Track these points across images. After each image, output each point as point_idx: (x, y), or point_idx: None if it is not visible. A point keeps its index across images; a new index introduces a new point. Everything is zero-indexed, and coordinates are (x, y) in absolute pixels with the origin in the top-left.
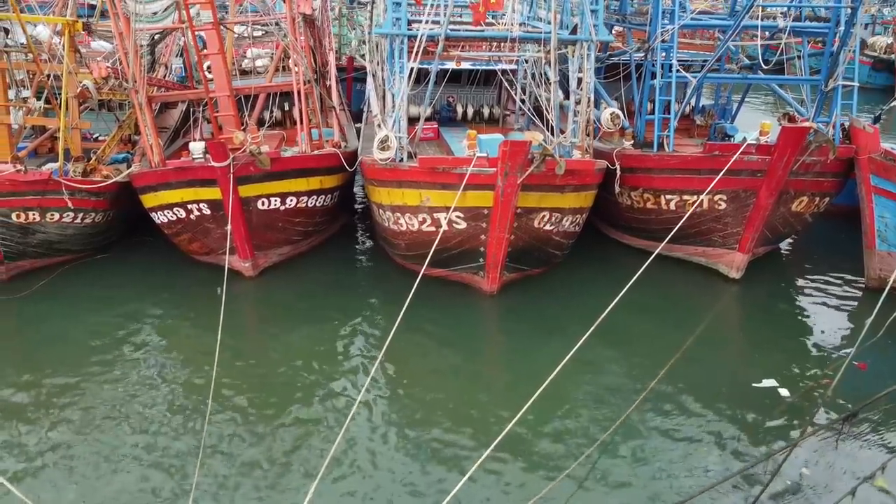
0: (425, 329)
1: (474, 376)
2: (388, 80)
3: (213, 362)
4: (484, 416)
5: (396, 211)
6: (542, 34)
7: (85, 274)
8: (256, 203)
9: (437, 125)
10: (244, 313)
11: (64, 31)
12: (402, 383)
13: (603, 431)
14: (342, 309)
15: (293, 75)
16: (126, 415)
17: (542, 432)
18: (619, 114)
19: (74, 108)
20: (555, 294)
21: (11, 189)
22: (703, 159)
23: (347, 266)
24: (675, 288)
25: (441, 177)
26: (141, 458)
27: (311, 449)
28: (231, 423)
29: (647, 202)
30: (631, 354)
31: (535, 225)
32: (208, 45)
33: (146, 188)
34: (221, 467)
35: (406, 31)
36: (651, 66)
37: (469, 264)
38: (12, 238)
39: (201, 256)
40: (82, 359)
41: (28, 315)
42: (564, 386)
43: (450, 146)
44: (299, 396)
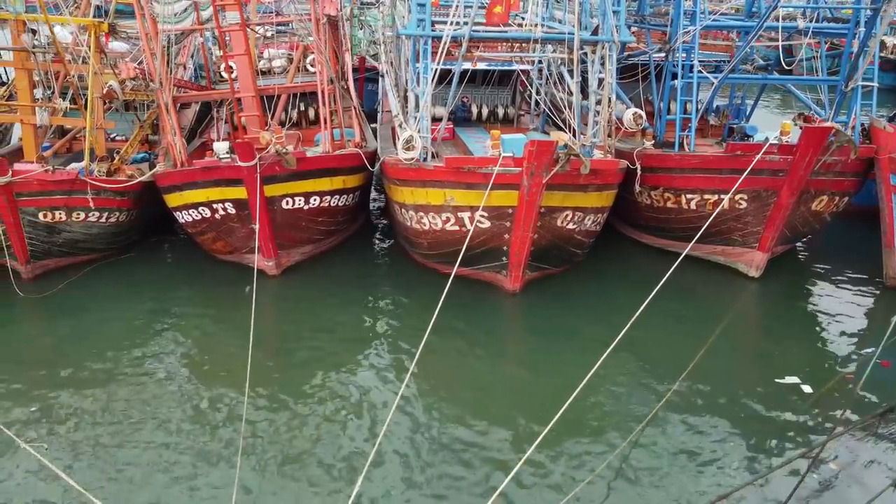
0: (451, 328)
1: (501, 375)
2: (411, 80)
3: (242, 360)
4: (514, 413)
5: (419, 210)
6: (565, 35)
7: (110, 273)
8: (281, 202)
9: (451, 125)
10: (271, 312)
11: (90, 32)
12: (433, 382)
13: (630, 430)
14: (366, 308)
15: (317, 75)
16: (162, 412)
17: (570, 431)
18: (642, 114)
19: (99, 109)
20: (576, 293)
21: (39, 188)
22: (725, 159)
23: (367, 265)
24: (694, 286)
25: (466, 176)
26: (181, 455)
27: (353, 445)
28: (268, 421)
29: (668, 201)
30: (654, 353)
31: (558, 224)
32: (234, 45)
33: (171, 188)
34: (263, 464)
35: (431, 33)
36: (672, 67)
37: (492, 263)
38: (38, 237)
39: (224, 255)
40: (115, 355)
41: (56, 313)
42: (591, 385)
43: (467, 146)
44: (336, 395)
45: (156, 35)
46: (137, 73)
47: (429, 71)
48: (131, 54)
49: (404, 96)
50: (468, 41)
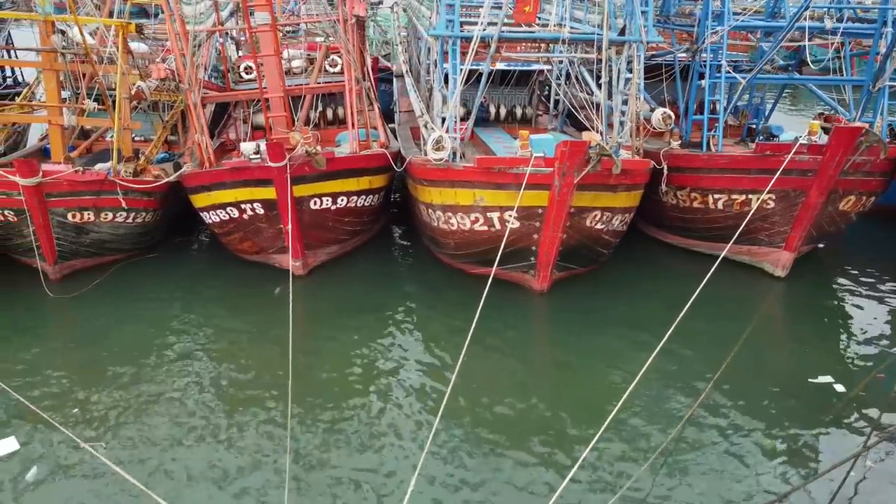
0: (483, 328)
1: (540, 376)
2: (438, 80)
3: (278, 360)
4: (558, 414)
5: (447, 210)
6: (593, 35)
7: (137, 273)
8: (309, 203)
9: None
10: (300, 312)
11: (118, 33)
12: (475, 384)
13: (666, 433)
14: (396, 308)
15: (345, 75)
16: (208, 413)
17: (608, 434)
18: (671, 114)
19: (126, 109)
20: (603, 293)
21: (69, 189)
22: (754, 159)
23: (391, 265)
24: (719, 286)
25: (496, 176)
26: (232, 455)
27: (402, 447)
28: (313, 425)
29: (694, 201)
30: (684, 354)
31: (587, 224)
32: (263, 46)
33: (199, 188)
34: (311, 469)
35: (460, 33)
36: (699, 67)
37: (520, 263)
38: (66, 238)
39: (251, 256)
40: (154, 355)
41: (89, 313)
42: (622, 388)
43: (488, 146)
44: (379, 397)
45: (185, 36)
46: (168, 73)
47: (458, 71)
48: (150, 54)
49: (428, 96)
50: (497, 41)
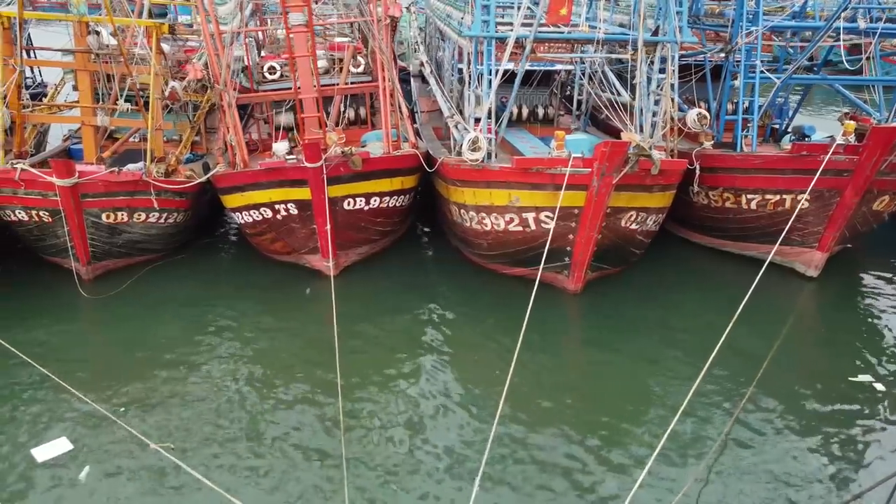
0: (517, 329)
1: (580, 380)
2: (472, 81)
3: (318, 359)
4: (609, 418)
5: (481, 211)
6: (628, 35)
7: (168, 273)
8: (343, 203)
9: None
10: (336, 313)
11: (150, 34)
12: (525, 388)
13: (711, 439)
14: (428, 309)
15: (379, 76)
16: (268, 414)
17: (645, 441)
18: (707, 114)
19: (158, 110)
20: (635, 294)
21: (104, 190)
22: (790, 159)
23: (421, 266)
24: (747, 287)
25: (533, 177)
26: (291, 454)
27: (464, 447)
28: (366, 429)
29: (727, 201)
30: (722, 356)
31: (622, 224)
32: (298, 47)
33: (232, 189)
34: (368, 472)
35: (495, 34)
36: (732, 67)
37: (553, 263)
38: (100, 238)
39: (282, 256)
40: (201, 355)
41: (123, 313)
42: (663, 391)
43: (514, 146)
44: (428, 401)
45: (219, 36)
46: (204, 74)
47: (493, 72)
48: (172, 54)
49: (458, 96)
50: (533, 42)
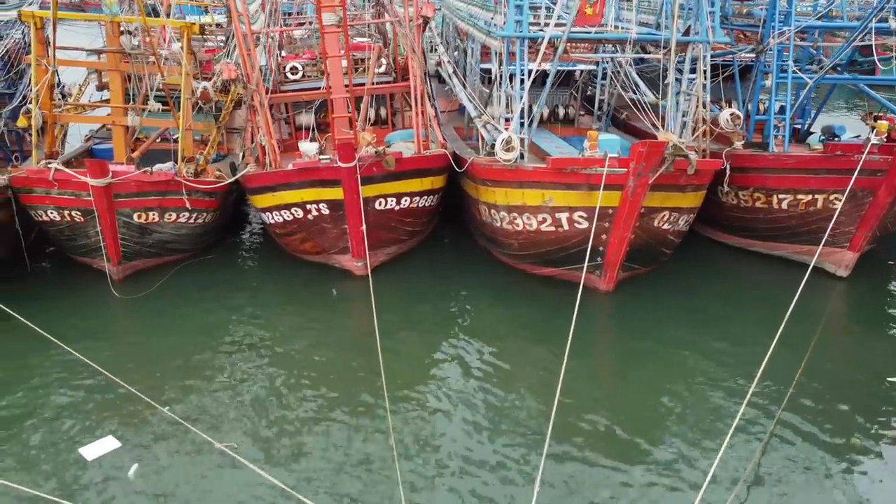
0: (549, 328)
1: (618, 383)
2: (504, 81)
3: (354, 359)
4: (664, 420)
5: (513, 211)
6: (661, 35)
7: (197, 273)
8: (374, 203)
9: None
10: (365, 313)
11: (182, 35)
12: (579, 391)
13: (753, 444)
14: (459, 309)
15: (411, 76)
16: (318, 414)
17: (692, 445)
18: (740, 114)
19: (188, 110)
20: (666, 293)
21: (137, 190)
22: (823, 159)
23: (449, 266)
24: (778, 287)
25: (568, 177)
26: (346, 452)
27: (517, 457)
28: (413, 425)
29: (757, 201)
30: (757, 359)
31: (655, 224)
32: (330, 47)
33: (263, 189)
34: (423, 469)
35: (529, 34)
36: (763, 67)
37: (585, 263)
38: (131, 238)
39: (311, 256)
40: (246, 354)
41: (157, 313)
42: (704, 396)
43: (539, 146)
44: (477, 402)
45: (251, 37)
46: (237, 74)
47: (526, 72)
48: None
49: (485, 97)
50: (565, 42)
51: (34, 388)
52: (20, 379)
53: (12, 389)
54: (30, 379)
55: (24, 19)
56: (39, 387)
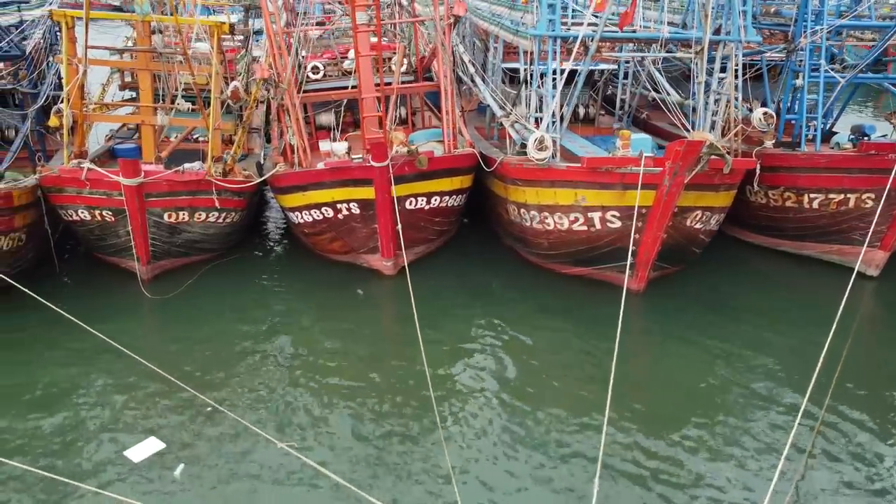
0: (573, 328)
1: (660, 385)
2: (534, 81)
3: (394, 355)
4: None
5: (544, 210)
6: (692, 35)
7: (226, 274)
8: (405, 203)
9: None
10: (395, 313)
11: (212, 33)
12: (629, 395)
13: (797, 449)
14: (489, 308)
15: (439, 75)
16: (368, 413)
17: (722, 453)
18: (773, 113)
19: (217, 109)
20: (696, 293)
21: (168, 189)
22: (857, 158)
23: (476, 265)
24: (808, 287)
25: (601, 176)
26: (397, 451)
27: (575, 460)
28: (461, 420)
29: (787, 201)
30: (788, 361)
31: (687, 224)
32: (361, 46)
33: (293, 188)
34: (475, 467)
35: (562, 33)
36: (795, 66)
37: (615, 263)
38: (161, 238)
39: (339, 256)
40: (289, 352)
41: (189, 312)
42: (746, 401)
43: (563, 145)
44: (523, 398)
45: (283, 36)
46: (271, 73)
47: (559, 72)
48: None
49: (510, 97)
50: (598, 41)
51: (74, 379)
52: (64, 377)
53: (56, 386)
54: (72, 375)
55: (55, 18)
56: (78, 378)
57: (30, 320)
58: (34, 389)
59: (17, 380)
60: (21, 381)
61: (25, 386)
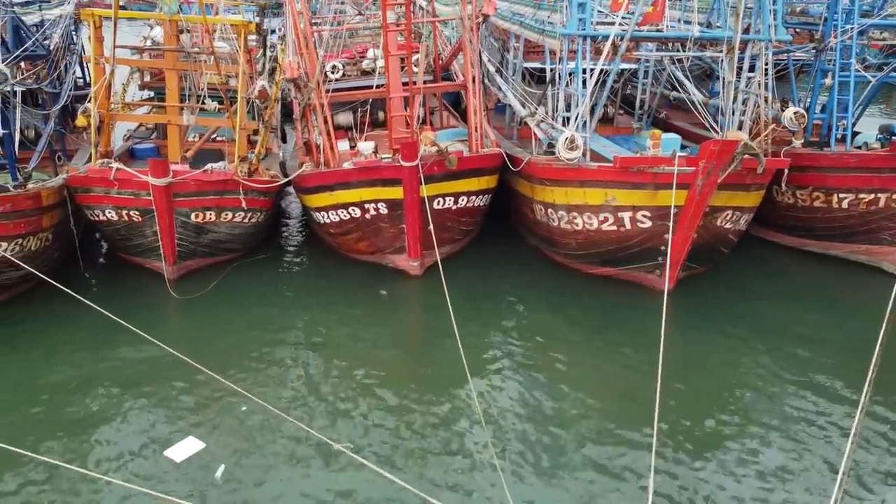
0: (601, 326)
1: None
2: (562, 80)
3: (440, 360)
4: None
5: (573, 210)
6: (723, 34)
7: (250, 274)
8: (433, 203)
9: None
10: (420, 313)
11: (238, 33)
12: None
13: (836, 456)
14: (518, 311)
15: (466, 75)
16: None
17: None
18: (804, 113)
19: (244, 109)
20: (724, 294)
21: (196, 189)
22: (889, 158)
23: (501, 265)
24: (836, 288)
25: (633, 176)
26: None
27: (626, 465)
28: (501, 417)
29: (816, 200)
30: (824, 364)
31: (717, 223)
32: (391, 45)
33: (320, 188)
34: (522, 470)
35: (592, 32)
36: (824, 66)
37: (644, 263)
38: (187, 238)
39: (365, 256)
40: (328, 352)
41: (217, 312)
42: (780, 403)
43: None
44: (574, 401)
45: (310, 36)
46: (299, 73)
47: (588, 71)
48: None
49: (534, 96)
50: (629, 41)
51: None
52: (100, 374)
53: (94, 384)
54: (107, 370)
55: (83, 18)
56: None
57: (59, 318)
58: (69, 384)
59: (52, 377)
60: (53, 379)
61: (59, 382)
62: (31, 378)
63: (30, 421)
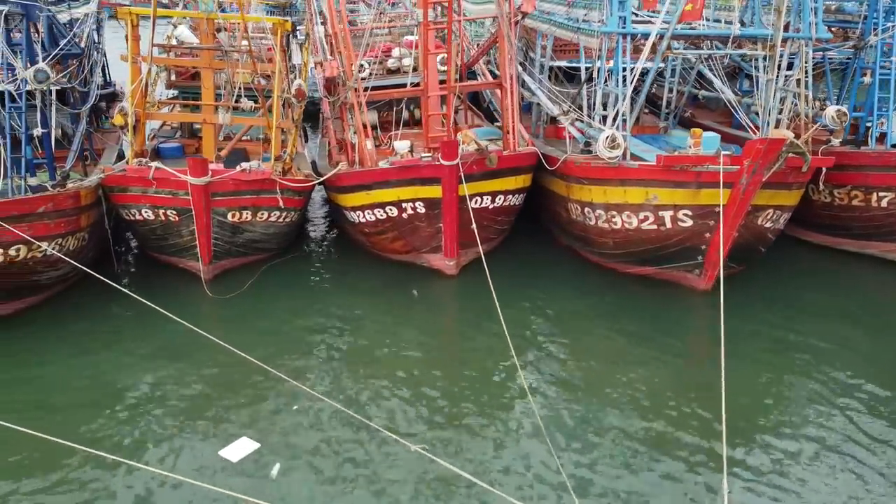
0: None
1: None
2: (599, 78)
3: (477, 352)
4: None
5: (611, 209)
6: (767, 32)
7: (284, 273)
8: (471, 202)
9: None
10: (455, 313)
11: (275, 32)
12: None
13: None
14: (557, 311)
15: (502, 74)
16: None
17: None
18: (846, 111)
19: (279, 108)
20: (766, 292)
21: (234, 188)
22: None
23: (535, 265)
24: (871, 287)
25: (676, 174)
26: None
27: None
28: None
29: (854, 199)
30: (859, 363)
31: (758, 222)
32: (429, 44)
33: (356, 187)
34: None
35: (633, 30)
36: (864, 64)
37: (683, 262)
38: (223, 237)
39: (400, 255)
40: (367, 354)
41: (253, 312)
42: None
43: None
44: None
45: (348, 35)
46: (339, 72)
47: (629, 69)
48: (259, 52)
49: (568, 95)
50: (670, 39)
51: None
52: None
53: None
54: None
55: (120, 17)
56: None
57: (112, 319)
58: (115, 382)
59: (101, 376)
60: (98, 376)
61: (103, 380)
62: (98, 379)
63: (116, 422)
